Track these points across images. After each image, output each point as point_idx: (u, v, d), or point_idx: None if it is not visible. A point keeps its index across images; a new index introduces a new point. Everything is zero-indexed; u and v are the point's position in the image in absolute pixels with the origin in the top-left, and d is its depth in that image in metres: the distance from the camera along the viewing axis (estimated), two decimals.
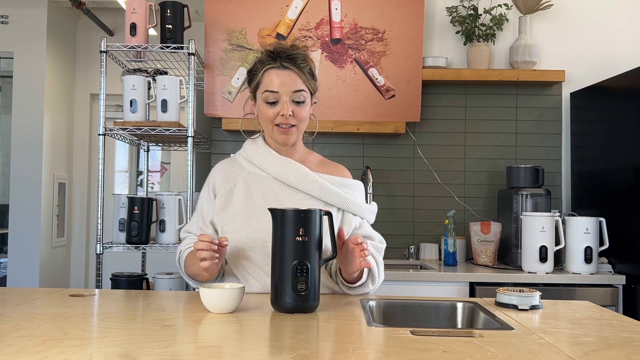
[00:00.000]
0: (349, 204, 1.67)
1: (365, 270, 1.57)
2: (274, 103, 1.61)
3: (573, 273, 2.75)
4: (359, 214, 1.70)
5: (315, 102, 1.71)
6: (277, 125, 1.62)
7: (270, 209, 1.41)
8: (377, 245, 1.70)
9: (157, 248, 2.83)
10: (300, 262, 1.35)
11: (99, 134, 2.78)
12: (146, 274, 2.85)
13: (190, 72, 2.79)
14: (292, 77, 1.60)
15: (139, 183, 4.46)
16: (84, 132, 4.38)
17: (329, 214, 1.44)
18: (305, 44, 1.72)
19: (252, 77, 1.66)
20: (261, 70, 1.62)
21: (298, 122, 1.63)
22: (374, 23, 3.20)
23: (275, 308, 1.39)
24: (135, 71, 3.01)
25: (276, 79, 1.60)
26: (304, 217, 1.37)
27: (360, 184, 1.76)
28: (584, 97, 3.22)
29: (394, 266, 3.09)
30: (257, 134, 1.75)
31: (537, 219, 2.75)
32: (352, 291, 1.62)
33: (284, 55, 1.60)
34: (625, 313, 2.69)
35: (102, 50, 2.79)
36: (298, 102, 1.61)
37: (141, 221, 2.76)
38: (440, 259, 3.23)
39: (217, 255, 1.47)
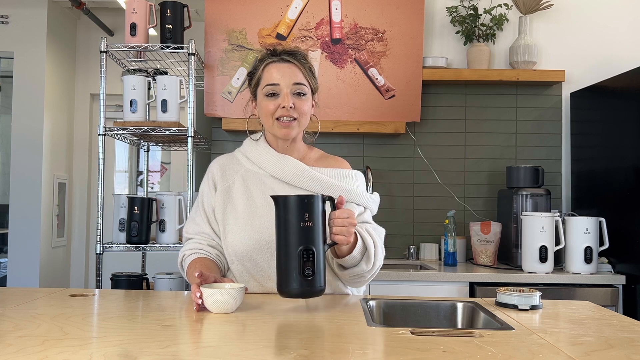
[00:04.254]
0: (350, 194, 1.65)
1: (358, 247, 1.51)
2: (274, 95, 1.60)
3: (573, 273, 2.75)
4: (362, 203, 1.68)
5: (315, 102, 1.70)
6: (277, 119, 1.61)
7: (272, 197, 1.39)
8: (378, 229, 1.67)
9: (157, 248, 2.83)
10: (307, 247, 1.35)
11: (99, 134, 2.78)
12: (146, 274, 2.85)
13: (190, 72, 2.79)
14: (292, 70, 1.60)
15: (139, 183, 4.46)
16: (84, 132, 4.38)
17: (331, 199, 1.43)
18: (305, 47, 1.74)
19: (253, 77, 1.67)
20: (261, 66, 1.63)
21: (299, 115, 1.61)
22: (374, 23, 3.20)
23: (282, 294, 1.39)
24: (135, 71, 3.01)
25: (276, 72, 1.60)
26: (307, 202, 1.36)
27: (360, 174, 1.74)
28: (584, 97, 3.22)
29: (394, 266, 3.09)
30: (259, 133, 1.75)
31: (537, 219, 2.75)
32: (346, 272, 1.56)
33: (284, 52, 1.62)
34: (625, 313, 2.69)
35: (102, 50, 2.79)
36: (299, 94, 1.61)
37: (141, 221, 2.76)
38: (440, 259, 3.23)
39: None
